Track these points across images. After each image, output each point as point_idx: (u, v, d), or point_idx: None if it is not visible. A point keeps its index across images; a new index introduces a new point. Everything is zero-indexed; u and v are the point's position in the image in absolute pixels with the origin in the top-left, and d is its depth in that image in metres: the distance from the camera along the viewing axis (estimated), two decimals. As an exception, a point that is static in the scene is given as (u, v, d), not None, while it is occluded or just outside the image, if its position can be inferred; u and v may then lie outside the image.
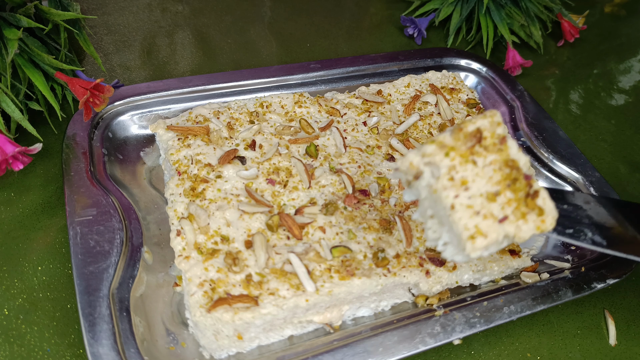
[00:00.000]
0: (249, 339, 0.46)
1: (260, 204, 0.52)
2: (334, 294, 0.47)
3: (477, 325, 0.48)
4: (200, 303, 0.45)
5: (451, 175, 0.39)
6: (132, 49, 0.73)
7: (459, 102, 0.68)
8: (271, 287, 0.46)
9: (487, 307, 0.50)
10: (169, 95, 0.63)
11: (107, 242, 0.49)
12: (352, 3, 0.90)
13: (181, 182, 0.53)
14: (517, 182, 0.40)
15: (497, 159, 0.40)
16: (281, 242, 0.50)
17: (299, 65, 0.70)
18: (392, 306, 0.52)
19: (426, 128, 0.64)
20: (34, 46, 0.55)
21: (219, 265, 0.47)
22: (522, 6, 0.83)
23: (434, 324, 0.48)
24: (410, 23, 0.85)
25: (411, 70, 0.74)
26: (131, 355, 0.43)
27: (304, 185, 0.55)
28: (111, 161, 0.58)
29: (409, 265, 0.50)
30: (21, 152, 0.51)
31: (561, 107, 0.79)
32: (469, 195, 0.39)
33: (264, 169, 0.56)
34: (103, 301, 0.45)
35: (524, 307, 0.50)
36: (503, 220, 0.39)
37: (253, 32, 0.79)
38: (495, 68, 0.76)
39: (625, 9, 1.04)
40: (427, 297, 0.51)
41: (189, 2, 0.83)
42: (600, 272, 0.54)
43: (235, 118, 0.60)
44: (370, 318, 0.51)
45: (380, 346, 0.45)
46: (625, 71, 0.86)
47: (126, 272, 0.48)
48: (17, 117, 0.54)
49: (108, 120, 0.60)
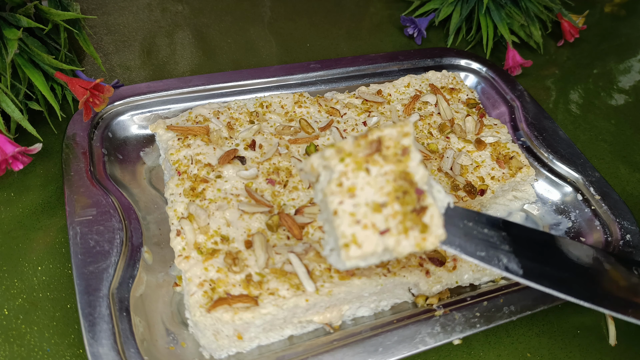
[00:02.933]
0: (248, 338, 0.46)
1: (260, 204, 0.52)
2: (333, 293, 0.47)
3: (477, 325, 0.48)
4: (200, 303, 0.45)
5: (341, 181, 0.38)
6: (132, 49, 0.73)
7: (459, 102, 0.68)
8: (271, 287, 0.46)
9: (487, 307, 0.49)
10: (169, 95, 0.63)
11: (107, 242, 0.49)
12: (352, 3, 0.91)
13: (181, 182, 0.53)
14: (407, 195, 0.38)
15: (393, 169, 0.38)
16: (281, 242, 0.50)
17: (299, 65, 0.70)
18: (392, 306, 0.52)
19: (426, 128, 0.64)
20: (34, 46, 0.55)
21: (218, 265, 0.47)
22: (522, 6, 0.84)
23: (434, 324, 0.48)
24: (410, 23, 0.85)
25: (411, 70, 0.74)
26: (131, 355, 0.43)
27: (304, 185, 0.55)
28: (111, 161, 0.58)
29: (409, 265, 0.50)
30: (21, 152, 0.51)
31: (561, 107, 0.79)
32: (353, 203, 0.38)
33: (264, 169, 0.56)
34: (103, 301, 0.45)
35: (524, 307, 0.50)
36: (384, 233, 0.37)
37: (253, 32, 0.80)
38: (495, 68, 0.76)
39: (625, 9, 1.04)
40: (427, 297, 0.51)
41: (189, 2, 0.83)
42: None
43: (235, 118, 0.60)
44: (370, 318, 0.51)
45: (380, 346, 0.45)
46: (625, 71, 0.86)
47: (126, 272, 0.48)
48: (16, 117, 0.54)
49: (108, 120, 0.60)
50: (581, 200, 0.62)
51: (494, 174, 0.61)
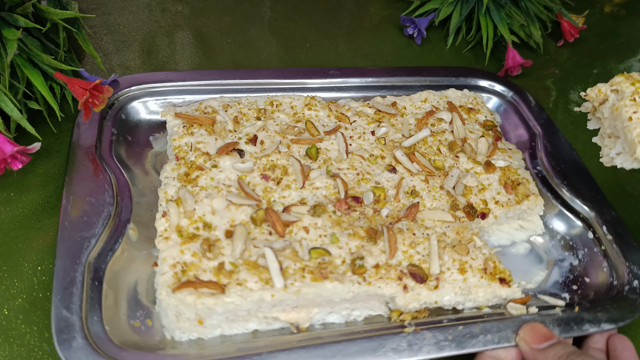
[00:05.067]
0: (210, 325, 0.46)
1: (248, 197, 0.53)
2: (302, 293, 0.46)
3: (446, 348, 0.46)
4: (168, 283, 0.45)
5: (634, 97, 0.52)
6: (131, 49, 0.74)
7: (475, 122, 0.66)
8: (240, 278, 0.46)
9: (462, 332, 0.47)
10: (186, 85, 0.65)
11: (95, 214, 0.51)
12: (352, 3, 0.91)
13: (177, 167, 0.55)
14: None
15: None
16: (262, 236, 0.50)
17: (319, 70, 0.71)
18: (365, 317, 0.51)
19: (435, 144, 0.63)
20: (33, 46, 0.55)
21: (195, 249, 0.48)
22: (522, 6, 0.83)
23: (401, 340, 0.46)
24: (410, 23, 0.85)
25: (433, 86, 0.73)
26: (93, 323, 0.44)
27: (297, 185, 0.55)
28: (119, 141, 0.60)
29: (386, 277, 0.49)
30: (19, 152, 0.51)
31: (561, 107, 0.78)
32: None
33: (261, 164, 0.56)
34: (79, 268, 0.47)
35: (502, 338, 0.47)
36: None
37: (253, 32, 0.80)
38: (522, 93, 0.73)
39: (625, 9, 1.03)
40: (402, 312, 0.50)
41: (189, 2, 0.84)
42: (595, 315, 0.50)
43: (243, 113, 0.61)
44: (340, 325, 0.50)
45: (339, 354, 0.44)
46: (625, 71, 0.86)
47: (107, 245, 0.49)
48: (15, 116, 0.53)
49: (124, 102, 0.63)
50: (592, 238, 0.59)
51: (499, 198, 0.59)
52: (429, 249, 0.52)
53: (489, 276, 0.51)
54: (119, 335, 0.45)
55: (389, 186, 0.57)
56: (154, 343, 0.46)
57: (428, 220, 0.55)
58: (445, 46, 0.86)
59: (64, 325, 0.43)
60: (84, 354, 0.42)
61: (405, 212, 0.55)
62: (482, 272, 0.51)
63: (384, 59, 0.81)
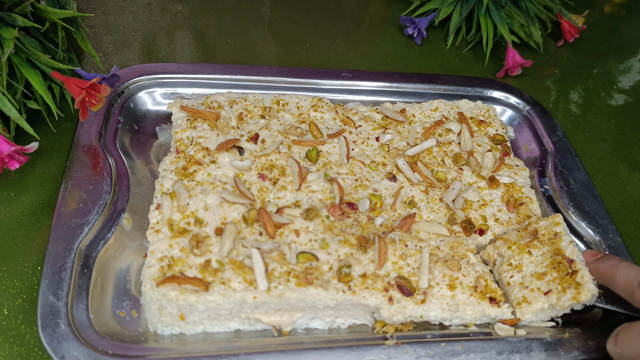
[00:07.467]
0: (192, 322, 0.47)
1: (242, 196, 0.53)
2: (284, 297, 0.46)
3: (425, 364, 0.45)
4: (154, 276, 0.46)
5: (510, 262, 0.53)
6: (131, 49, 0.74)
7: (485, 135, 0.65)
8: (225, 277, 0.47)
9: (444, 349, 0.47)
10: (196, 78, 0.66)
11: (91, 201, 0.52)
12: (352, 3, 0.90)
13: (176, 160, 0.55)
14: (561, 264, 0.51)
15: (548, 249, 0.52)
16: (252, 236, 0.50)
17: (331, 72, 0.70)
18: (349, 325, 0.50)
19: (440, 155, 0.62)
20: (31, 46, 0.55)
21: (184, 245, 0.48)
22: (522, 6, 0.82)
23: (380, 352, 0.46)
24: (410, 23, 0.84)
25: (446, 95, 0.71)
26: (78, 310, 0.45)
27: (294, 187, 0.55)
28: (125, 130, 0.61)
29: (372, 288, 0.48)
30: (17, 151, 0.51)
31: (561, 107, 0.78)
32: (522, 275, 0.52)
33: (260, 163, 0.56)
34: (69, 254, 0.47)
35: (485, 359, 0.46)
36: (547, 293, 0.50)
37: (253, 32, 0.80)
38: (539, 108, 0.71)
39: (625, 9, 1.02)
40: (386, 324, 0.49)
41: (189, 2, 0.84)
42: (586, 343, 0.49)
43: (248, 110, 0.61)
44: (323, 331, 0.50)
45: (316, 361, 0.44)
46: (625, 71, 0.85)
47: (100, 233, 0.50)
48: (14, 116, 0.53)
49: (133, 91, 0.64)
50: (593, 263, 0.57)
51: (499, 215, 0.57)
52: (420, 262, 0.51)
53: (479, 294, 0.50)
54: (103, 324, 0.46)
55: (387, 194, 0.57)
56: (136, 335, 0.46)
57: (423, 233, 0.54)
58: (445, 46, 0.85)
59: (49, 310, 0.44)
60: (65, 340, 0.43)
61: (400, 222, 0.54)
62: (472, 289, 0.50)
63: (384, 59, 0.81)
